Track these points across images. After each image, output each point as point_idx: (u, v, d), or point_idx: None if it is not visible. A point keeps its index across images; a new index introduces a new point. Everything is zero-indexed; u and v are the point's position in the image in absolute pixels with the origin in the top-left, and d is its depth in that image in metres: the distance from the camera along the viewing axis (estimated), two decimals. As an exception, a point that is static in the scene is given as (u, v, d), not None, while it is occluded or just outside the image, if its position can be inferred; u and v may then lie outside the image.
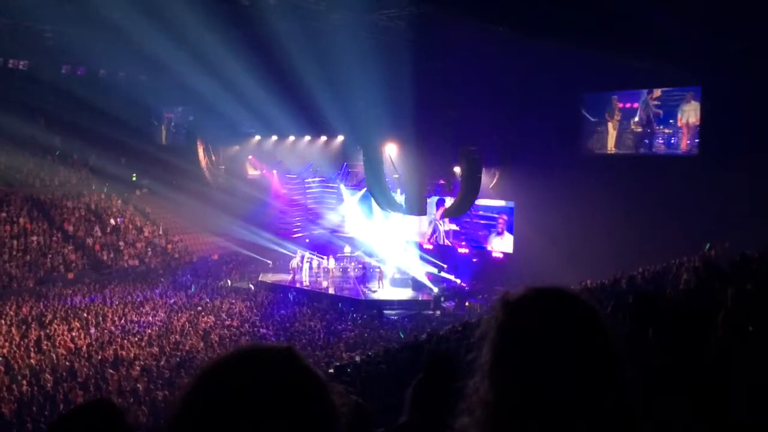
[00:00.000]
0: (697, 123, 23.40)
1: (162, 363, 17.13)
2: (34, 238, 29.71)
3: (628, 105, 25.34)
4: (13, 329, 19.95)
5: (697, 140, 23.52)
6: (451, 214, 27.21)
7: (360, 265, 29.71)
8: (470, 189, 24.80)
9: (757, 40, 17.64)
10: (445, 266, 29.11)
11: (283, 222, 33.77)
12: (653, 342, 2.76)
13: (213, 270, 31.95)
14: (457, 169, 26.31)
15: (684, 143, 23.85)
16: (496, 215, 27.94)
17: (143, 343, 19.14)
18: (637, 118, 24.99)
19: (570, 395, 1.07)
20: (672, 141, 24.27)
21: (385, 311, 25.23)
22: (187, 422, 0.97)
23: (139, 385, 15.05)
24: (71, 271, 29.10)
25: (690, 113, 23.61)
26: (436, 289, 27.28)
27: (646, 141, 24.93)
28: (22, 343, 18.53)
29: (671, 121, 24.15)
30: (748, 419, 2.29)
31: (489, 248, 28.23)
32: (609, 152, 25.63)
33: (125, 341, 19.16)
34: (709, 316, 3.21)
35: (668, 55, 19.77)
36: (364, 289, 27.73)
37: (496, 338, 1.15)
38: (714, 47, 18.20)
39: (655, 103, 24.49)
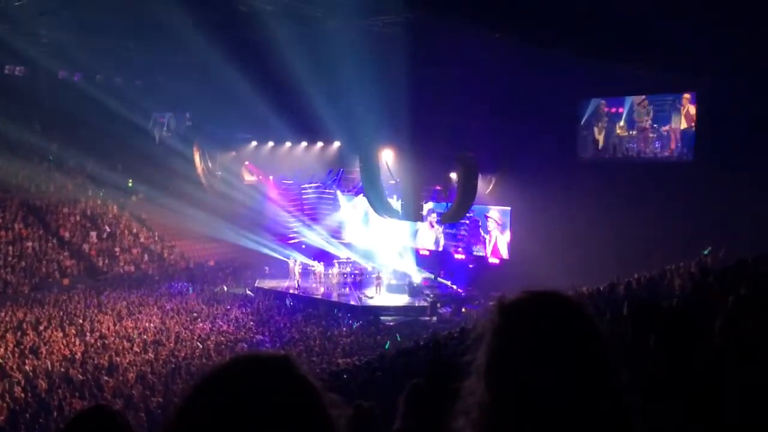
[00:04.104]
0: (681, 128, 23.58)
1: (157, 369, 17.07)
2: (30, 243, 29.61)
3: (613, 110, 25.44)
4: (8, 335, 19.86)
5: (679, 145, 23.68)
6: (447, 220, 27.23)
7: (357, 271, 29.69)
8: (467, 195, 24.81)
9: (752, 44, 17.73)
10: (441, 272, 29.11)
11: (280, 228, 33.74)
12: (652, 348, 2.77)
13: (209, 276, 31.87)
14: (453, 175, 26.32)
15: (672, 147, 23.97)
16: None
17: (138, 350, 19.08)
18: (622, 123, 25.09)
19: (564, 398, 1.07)
20: (657, 145, 24.36)
21: (382, 317, 25.20)
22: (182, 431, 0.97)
23: (134, 392, 15.00)
24: (66, 277, 29.01)
25: (674, 119, 23.80)
26: (432, 295, 27.24)
27: (632, 145, 25.02)
28: (16, 349, 18.45)
29: (655, 125, 24.27)
30: (743, 423, 2.29)
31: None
32: (595, 157, 25.71)
33: (120, 347, 19.09)
34: (705, 322, 3.21)
35: (663, 60, 19.86)
36: (361, 295, 27.69)
37: (492, 341, 1.15)
38: (709, 52, 18.28)
39: (642, 108, 24.62)
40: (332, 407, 1.02)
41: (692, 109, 23.47)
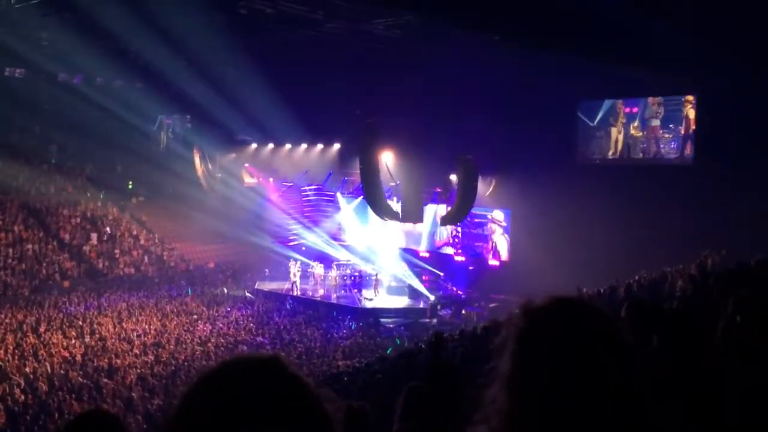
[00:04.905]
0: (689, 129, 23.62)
1: (157, 372, 17.06)
2: (30, 246, 29.58)
3: (627, 109, 25.39)
4: (8, 337, 19.84)
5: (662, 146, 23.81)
6: (447, 222, 27.22)
7: (356, 273, 29.67)
8: (467, 196, 24.80)
9: (752, 46, 17.73)
10: (442, 274, 29.08)
11: (280, 230, 33.71)
12: (653, 349, 2.76)
13: (209, 278, 31.86)
14: (453, 177, 26.32)
15: (689, 148, 23.94)
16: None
17: (138, 352, 19.06)
18: (636, 123, 25.04)
19: (589, 407, 1.06)
20: (673, 145, 24.29)
21: (382, 319, 25.18)
22: None
23: (133, 394, 14.98)
24: (67, 279, 28.98)
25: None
26: (432, 297, 27.24)
27: (645, 146, 24.96)
28: (16, 351, 18.44)
29: (671, 125, 24.22)
30: (744, 424, 2.28)
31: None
32: (610, 157, 25.63)
33: (120, 350, 19.08)
34: (706, 324, 3.20)
35: (664, 63, 19.86)
36: (361, 297, 27.67)
37: (516, 347, 1.13)
38: (709, 55, 18.28)
39: (655, 107, 24.57)
40: (327, 403, 1.02)
41: (691, 113, 23.48)
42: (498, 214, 27.97)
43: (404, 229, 29.81)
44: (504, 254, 27.90)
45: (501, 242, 28.02)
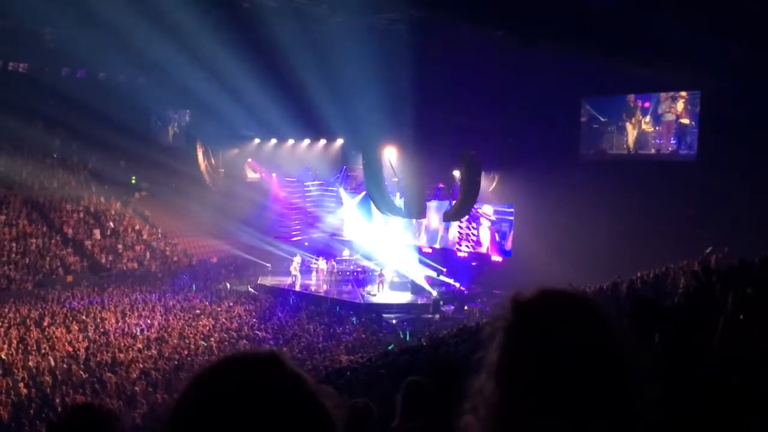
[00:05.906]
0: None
1: (160, 366, 17.10)
2: (33, 240, 29.67)
3: (639, 104, 25.28)
4: (12, 331, 19.90)
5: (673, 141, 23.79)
6: (450, 218, 27.22)
7: (359, 269, 29.66)
8: (470, 192, 24.80)
9: (755, 43, 17.67)
10: (444, 270, 29.08)
11: (282, 225, 33.75)
12: (657, 346, 2.76)
13: (212, 273, 31.92)
14: (456, 173, 26.30)
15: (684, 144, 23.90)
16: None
17: (142, 346, 19.11)
18: (648, 118, 24.92)
19: (576, 399, 1.05)
20: (688, 141, 24.19)
21: (384, 315, 25.20)
22: None
23: (136, 388, 15.03)
24: (70, 273, 29.06)
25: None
26: (435, 293, 27.24)
27: (658, 141, 24.86)
28: (20, 345, 18.50)
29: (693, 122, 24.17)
30: (744, 422, 2.28)
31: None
32: (626, 152, 25.48)
33: (123, 344, 19.13)
34: (708, 321, 3.21)
35: (666, 59, 19.81)
36: (363, 293, 27.69)
37: (504, 338, 1.13)
38: (712, 51, 18.22)
39: (669, 102, 24.49)
40: (327, 399, 1.01)
41: (680, 106, 23.46)
42: (487, 209, 28.03)
43: (425, 225, 29.87)
44: (486, 244, 27.98)
45: (484, 233, 28.14)
